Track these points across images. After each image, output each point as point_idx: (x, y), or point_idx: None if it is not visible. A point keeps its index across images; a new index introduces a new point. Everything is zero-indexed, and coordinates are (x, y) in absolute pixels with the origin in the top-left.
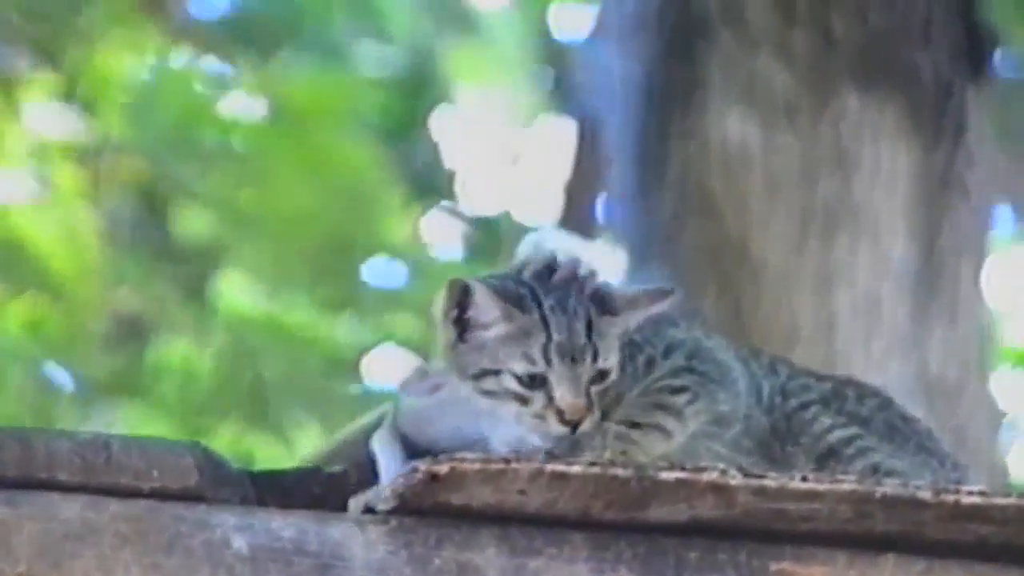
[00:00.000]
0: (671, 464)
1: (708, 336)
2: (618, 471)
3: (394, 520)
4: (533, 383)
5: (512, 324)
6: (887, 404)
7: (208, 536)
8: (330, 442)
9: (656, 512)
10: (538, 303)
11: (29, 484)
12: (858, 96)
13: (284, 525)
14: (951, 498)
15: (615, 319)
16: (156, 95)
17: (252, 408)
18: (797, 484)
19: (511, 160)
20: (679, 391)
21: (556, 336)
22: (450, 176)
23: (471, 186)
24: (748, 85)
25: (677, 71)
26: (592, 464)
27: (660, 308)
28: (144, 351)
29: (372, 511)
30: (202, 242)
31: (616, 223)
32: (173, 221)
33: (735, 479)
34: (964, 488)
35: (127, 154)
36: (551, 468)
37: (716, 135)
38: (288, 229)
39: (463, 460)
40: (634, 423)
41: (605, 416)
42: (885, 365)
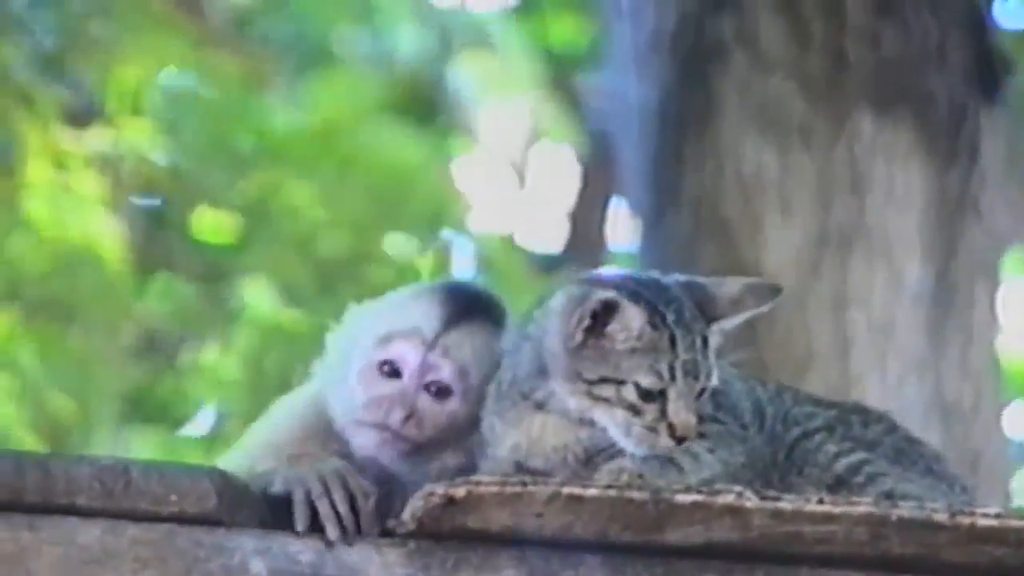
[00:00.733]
0: (687, 487)
1: (731, 378)
2: (634, 494)
3: (412, 543)
4: (650, 396)
5: (644, 339)
6: (892, 428)
7: (226, 560)
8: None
9: (672, 535)
10: (662, 317)
11: (49, 509)
12: (872, 119)
13: (302, 549)
14: (967, 520)
15: (720, 324)
16: (189, 100)
17: None
18: (813, 507)
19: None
20: (701, 437)
21: (683, 355)
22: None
23: (479, 209)
24: (762, 108)
25: (692, 95)
26: (608, 487)
27: (766, 307)
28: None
29: (390, 534)
30: (226, 248)
31: (629, 246)
32: (197, 228)
33: (751, 501)
34: (980, 510)
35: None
36: (568, 491)
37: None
38: (309, 237)
39: (480, 483)
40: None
41: None
42: (900, 388)
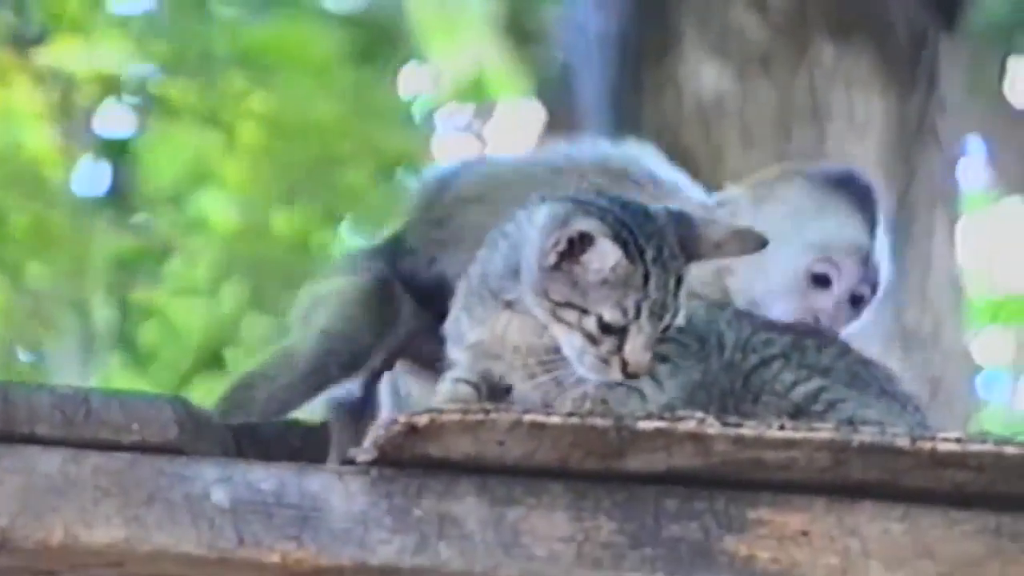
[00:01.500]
0: (649, 414)
1: (697, 305)
2: (596, 421)
3: (374, 471)
4: (610, 330)
5: (616, 274)
6: (846, 351)
7: (188, 489)
8: (228, 388)
9: (634, 461)
10: (641, 252)
11: (10, 438)
12: (832, 46)
13: (264, 477)
14: (928, 445)
15: (698, 263)
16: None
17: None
18: (774, 433)
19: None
20: (663, 359)
21: (653, 294)
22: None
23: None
24: (722, 37)
25: (651, 24)
26: (571, 414)
27: (748, 254)
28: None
29: (352, 462)
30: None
31: None
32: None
33: (713, 428)
34: (940, 435)
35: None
36: (530, 419)
37: (691, 87)
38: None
39: (442, 411)
40: (617, 383)
41: None
42: None
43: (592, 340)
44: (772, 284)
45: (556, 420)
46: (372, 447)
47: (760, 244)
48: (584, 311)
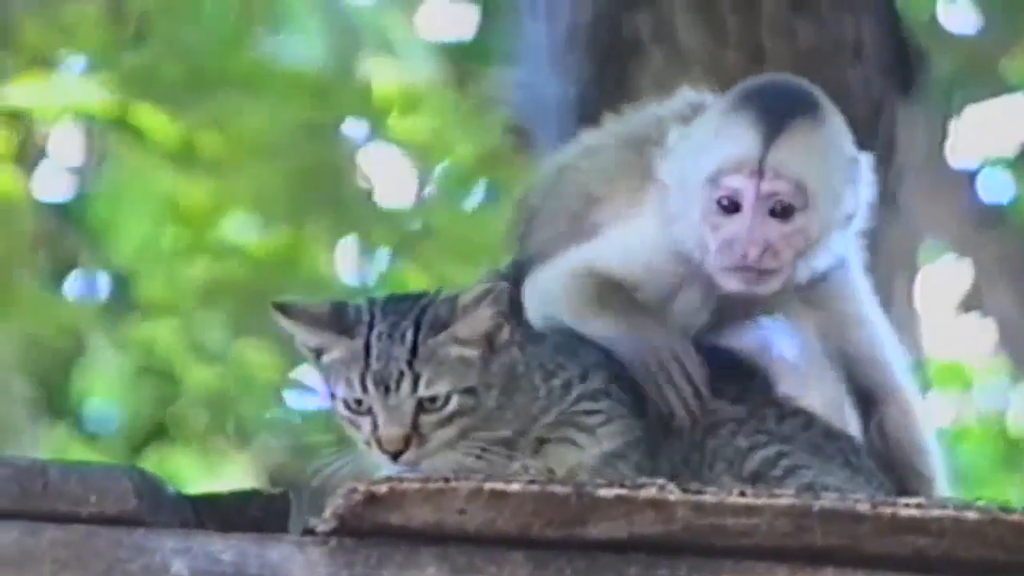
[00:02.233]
0: (610, 481)
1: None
2: (557, 488)
3: (334, 541)
4: (361, 410)
5: (343, 350)
6: (810, 423)
7: (147, 560)
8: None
9: (596, 529)
10: (370, 328)
11: None
12: None
13: (224, 548)
14: (888, 510)
15: (448, 332)
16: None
17: None
18: (735, 499)
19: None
20: (593, 413)
21: (374, 364)
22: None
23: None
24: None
25: (609, 91)
26: (531, 482)
27: (485, 308)
28: None
29: (312, 532)
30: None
31: None
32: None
33: (674, 495)
34: (901, 500)
35: None
36: (490, 487)
37: None
38: None
39: (402, 480)
40: (543, 439)
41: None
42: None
43: (356, 427)
44: (691, 227)
45: (516, 488)
46: (332, 516)
47: (490, 293)
48: (333, 396)
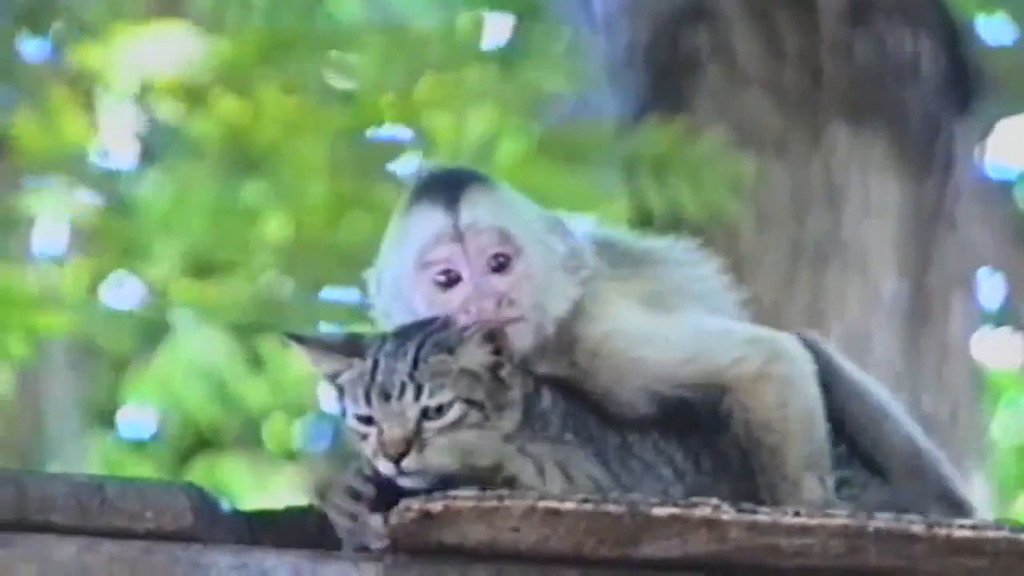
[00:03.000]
0: (663, 500)
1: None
2: (611, 507)
3: (388, 558)
4: (369, 423)
5: (354, 371)
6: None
7: None
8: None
9: (649, 548)
10: (380, 349)
11: (24, 527)
12: (847, 132)
13: (279, 564)
14: (943, 532)
15: (453, 355)
16: None
17: None
18: (790, 519)
19: None
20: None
21: (379, 378)
22: None
23: None
24: (738, 122)
25: (667, 108)
26: (585, 500)
27: (485, 344)
28: None
29: (366, 549)
30: None
31: None
32: None
33: (728, 514)
34: (956, 522)
35: None
36: (544, 505)
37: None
38: None
39: (456, 498)
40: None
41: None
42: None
43: (365, 439)
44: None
45: (570, 506)
46: (386, 534)
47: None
48: (344, 414)
